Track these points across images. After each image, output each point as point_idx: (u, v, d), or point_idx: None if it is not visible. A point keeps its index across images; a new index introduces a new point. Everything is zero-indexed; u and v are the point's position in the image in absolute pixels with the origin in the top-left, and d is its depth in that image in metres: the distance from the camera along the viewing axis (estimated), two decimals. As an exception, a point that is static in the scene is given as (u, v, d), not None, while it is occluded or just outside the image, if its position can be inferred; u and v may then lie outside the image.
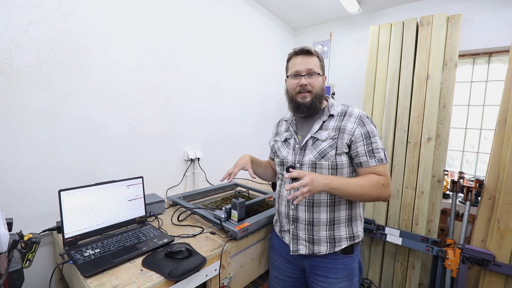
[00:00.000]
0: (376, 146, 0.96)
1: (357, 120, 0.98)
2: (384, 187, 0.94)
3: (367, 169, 0.96)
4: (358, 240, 1.04)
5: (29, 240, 0.79)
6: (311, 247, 1.03)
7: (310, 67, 1.00)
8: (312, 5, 2.28)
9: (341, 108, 1.04)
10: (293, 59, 1.04)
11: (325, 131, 1.00)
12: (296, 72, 1.01)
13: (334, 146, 0.97)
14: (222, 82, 2.01)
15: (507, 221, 1.48)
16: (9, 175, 1.05)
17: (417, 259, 1.87)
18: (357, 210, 1.05)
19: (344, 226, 1.02)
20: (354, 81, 2.41)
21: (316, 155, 0.99)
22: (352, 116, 0.99)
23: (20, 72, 1.05)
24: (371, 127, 0.98)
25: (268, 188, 1.90)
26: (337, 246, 1.01)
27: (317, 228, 1.01)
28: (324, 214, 1.00)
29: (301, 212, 1.03)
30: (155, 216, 1.33)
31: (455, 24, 1.69)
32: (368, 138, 0.96)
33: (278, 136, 1.18)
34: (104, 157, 1.35)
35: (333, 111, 1.03)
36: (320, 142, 0.99)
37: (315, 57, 1.02)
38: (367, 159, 0.95)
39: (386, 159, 0.97)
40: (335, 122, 1.00)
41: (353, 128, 0.97)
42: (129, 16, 1.39)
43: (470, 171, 2.05)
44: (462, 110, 2.05)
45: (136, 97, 1.47)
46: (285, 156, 1.08)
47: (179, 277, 0.87)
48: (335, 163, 0.97)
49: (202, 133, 1.90)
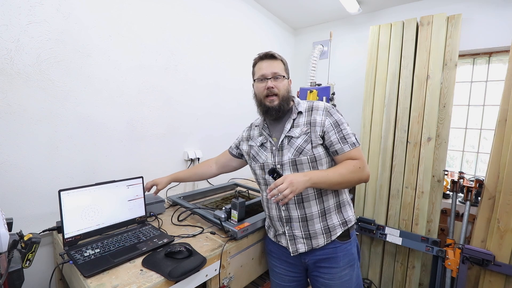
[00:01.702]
0: (346, 132, 1.01)
1: (324, 112, 1.03)
2: (361, 169, 0.98)
3: (343, 155, 1.00)
4: (351, 224, 1.08)
5: (29, 240, 0.79)
6: (309, 242, 1.05)
7: (275, 70, 1.04)
8: (312, 5, 2.28)
9: (308, 104, 1.09)
10: (258, 63, 1.09)
11: (297, 128, 1.04)
12: (262, 76, 1.05)
13: (309, 140, 1.01)
14: (222, 82, 2.01)
15: (507, 221, 1.48)
16: (9, 175, 1.05)
17: (417, 259, 1.87)
18: (344, 195, 1.10)
19: (335, 213, 1.06)
20: (354, 81, 2.41)
21: (294, 153, 1.02)
22: (319, 109, 1.04)
23: (20, 72, 1.05)
24: (338, 116, 1.03)
25: (268, 188, 1.90)
26: (332, 235, 1.05)
27: (311, 222, 1.04)
28: (315, 207, 1.03)
29: (293, 211, 1.05)
30: (155, 216, 1.33)
31: (455, 24, 1.69)
32: (337, 126, 1.01)
33: (252, 140, 1.19)
34: (104, 157, 1.35)
35: (300, 108, 1.07)
36: (295, 140, 1.03)
37: (279, 61, 1.07)
38: (341, 145, 1.00)
39: (358, 142, 1.02)
40: (305, 118, 1.05)
41: (322, 119, 1.02)
42: (129, 16, 1.39)
43: (470, 171, 2.05)
44: (462, 110, 2.05)
45: (136, 97, 1.47)
46: (264, 160, 1.10)
47: (179, 277, 0.86)
48: (313, 156, 1.01)
49: (202, 133, 1.90)
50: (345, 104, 2.43)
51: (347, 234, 1.07)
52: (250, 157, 1.18)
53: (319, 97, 2.17)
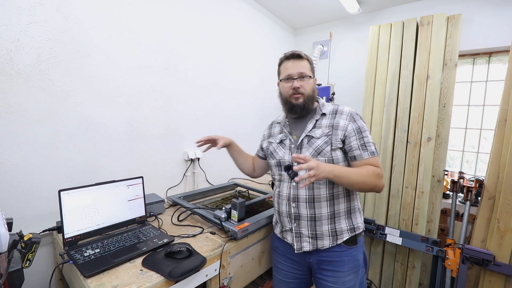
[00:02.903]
0: (367, 140, 1.01)
1: (348, 117, 1.04)
2: (380, 176, 0.99)
3: (361, 161, 1.00)
4: (359, 231, 1.07)
5: (29, 240, 0.79)
6: (314, 242, 1.05)
7: (302, 70, 1.05)
8: (312, 5, 2.28)
9: (332, 107, 1.09)
10: (284, 63, 1.10)
11: (319, 129, 1.05)
12: (289, 76, 1.06)
13: (329, 142, 1.01)
14: (222, 82, 2.01)
15: (507, 221, 1.48)
16: (9, 175, 1.05)
17: (417, 259, 1.87)
18: (355, 202, 1.10)
19: (344, 218, 1.05)
20: (354, 81, 2.41)
21: (313, 152, 1.02)
22: (343, 113, 1.05)
23: (20, 72, 1.05)
24: (361, 123, 1.04)
25: (268, 188, 1.90)
26: (339, 239, 1.04)
27: (319, 223, 1.04)
28: (325, 209, 1.03)
29: (303, 209, 1.04)
30: (155, 216, 1.33)
31: (455, 24, 1.69)
32: (360, 133, 1.01)
33: (272, 138, 1.20)
34: (104, 157, 1.35)
35: (324, 110, 1.08)
36: (315, 140, 1.03)
37: (305, 61, 1.07)
38: (361, 152, 1.00)
39: (377, 152, 1.02)
40: (328, 120, 1.05)
41: (346, 124, 1.02)
42: (129, 16, 1.39)
43: (470, 171, 2.05)
44: (462, 110, 2.05)
45: (136, 97, 1.47)
46: (282, 156, 1.11)
47: (179, 277, 0.87)
48: (331, 158, 1.01)
49: (202, 133, 1.89)
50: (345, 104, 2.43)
51: (354, 240, 1.06)
52: (268, 153, 1.20)
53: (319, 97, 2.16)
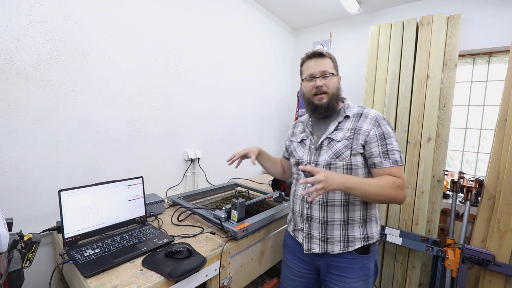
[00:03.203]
0: (391, 148, 0.95)
1: (372, 121, 0.98)
2: (400, 188, 0.93)
3: (381, 170, 0.95)
4: (372, 241, 1.03)
5: (29, 240, 0.79)
6: (324, 246, 1.03)
7: (324, 68, 1.02)
8: (312, 5, 2.28)
9: (357, 110, 1.04)
10: (306, 62, 1.07)
11: (341, 131, 1.01)
12: (311, 75, 1.03)
13: (349, 146, 0.97)
14: (222, 82, 2.01)
15: (507, 221, 1.48)
16: (9, 175, 1.05)
17: (417, 259, 1.87)
18: (372, 211, 1.04)
19: (358, 226, 1.01)
20: (354, 81, 2.40)
21: (331, 155, 0.99)
22: (368, 117, 0.99)
23: (20, 72, 1.05)
24: (386, 128, 0.97)
25: (268, 188, 1.90)
26: (350, 246, 1.01)
27: (330, 227, 1.01)
28: (338, 214, 1.00)
29: (315, 211, 1.03)
30: (155, 216, 1.33)
31: (455, 24, 1.69)
32: (383, 139, 0.96)
33: (294, 136, 1.20)
34: (104, 157, 1.35)
35: (349, 112, 1.04)
36: (335, 143, 1.00)
37: (328, 59, 1.04)
38: (381, 160, 0.95)
39: (402, 161, 0.96)
40: (351, 123, 1.01)
41: (368, 129, 0.97)
42: (129, 16, 1.39)
43: (470, 171, 2.05)
44: (462, 110, 2.05)
45: (136, 97, 1.47)
46: (300, 156, 1.10)
47: (179, 277, 0.87)
48: (350, 163, 0.97)
49: (202, 133, 1.90)
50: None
51: (367, 249, 1.02)
52: (289, 152, 1.20)
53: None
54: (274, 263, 1.43)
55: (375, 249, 1.06)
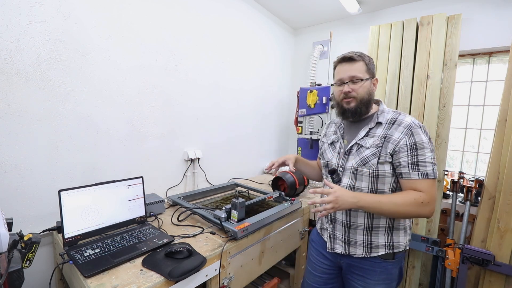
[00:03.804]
0: (422, 159, 0.90)
1: (405, 130, 0.93)
2: (424, 205, 0.88)
3: (408, 181, 0.92)
4: (398, 250, 1.00)
5: (29, 240, 0.79)
6: (347, 248, 1.04)
7: (353, 74, 0.99)
8: (312, 5, 2.28)
9: (392, 116, 1.00)
10: (338, 67, 1.05)
11: (371, 138, 0.99)
12: (340, 80, 1.02)
13: (377, 154, 0.95)
14: (222, 82, 2.01)
15: (507, 221, 1.48)
16: (9, 175, 1.05)
17: (417, 259, 1.87)
18: (401, 220, 1.01)
19: (384, 234, 1.00)
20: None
21: (358, 162, 0.99)
22: (401, 125, 0.94)
23: (20, 72, 1.05)
24: (420, 138, 0.91)
25: (268, 188, 1.90)
26: (373, 252, 1.00)
27: (353, 231, 1.01)
28: (361, 219, 1.00)
29: (339, 214, 1.04)
30: (155, 216, 1.33)
31: (455, 24, 1.69)
32: (414, 149, 0.91)
33: (326, 137, 1.20)
34: (104, 157, 1.35)
35: (381, 118, 1.00)
36: (363, 149, 0.99)
37: (360, 62, 1.00)
38: (409, 171, 0.91)
39: (434, 174, 0.91)
40: (383, 130, 0.97)
41: (399, 137, 0.93)
42: (129, 16, 1.39)
43: (470, 171, 2.05)
44: (462, 110, 2.05)
45: (136, 97, 1.47)
46: (329, 159, 1.11)
47: (179, 277, 0.86)
48: (377, 171, 0.95)
49: (202, 133, 1.90)
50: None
51: (391, 256, 1.00)
52: (320, 152, 1.20)
53: (319, 97, 2.16)
54: (274, 263, 1.43)
55: (401, 255, 1.03)
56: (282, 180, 1.74)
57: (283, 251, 1.48)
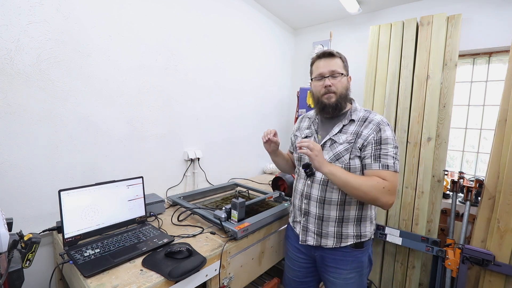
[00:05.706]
0: (385, 152, 0.96)
1: (374, 127, 1.00)
2: (385, 191, 0.93)
3: (369, 171, 0.98)
4: (365, 239, 1.07)
5: (29, 240, 0.79)
6: (318, 239, 1.08)
7: (333, 68, 1.03)
8: (312, 5, 2.28)
9: (363, 114, 1.06)
10: (316, 62, 1.08)
11: (344, 134, 1.04)
12: (320, 75, 1.05)
13: (349, 150, 1.00)
14: (222, 82, 2.01)
15: (507, 221, 1.48)
16: (9, 175, 1.05)
17: (417, 259, 1.87)
18: (368, 211, 1.07)
19: (353, 225, 1.05)
20: (354, 81, 2.37)
21: (332, 157, 1.03)
22: (372, 123, 1.01)
23: (20, 72, 1.05)
24: (386, 134, 0.98)
25: (268, 188, 1.90)
26: (343, 242, 1.05)
27: (326, 223, 1.05)
28: (334, 212, 1.04)
29: (313, 207, 1.07)
30: (155, 216, 1.33)
31: (455, 24, 1.69)
32: (378, 143, 0.98)
33: (299, 131, 1.22)
34: (104, 157, 1.35)
35: (354, 116, 1.06)
36: (337, 145, 1.03)
37: (338, 59, 1.06)
38: (371, 162, 0.98)
39: (394, 167, 0.96)
40: (355, 127, 1.03)
41: (369, 133, 0.99)
42: (129, 16, 1.39)
43: (470, 171, 2.05)
44: (462, 110, 2.05)
45: (136, 97, 1.47)
46: None
47: (179, 277, 0.87)
48: (349, 166, 1.01)
49: (202, 133, 1.90)
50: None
51: (360, 244, 1.06)
52: (293, 146, 1.22)
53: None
54: (274, 263, 1.43)
55: (368, 243, 1.10)
56: (282, 180, 1.74)
57: (283, 251, 1.48)
